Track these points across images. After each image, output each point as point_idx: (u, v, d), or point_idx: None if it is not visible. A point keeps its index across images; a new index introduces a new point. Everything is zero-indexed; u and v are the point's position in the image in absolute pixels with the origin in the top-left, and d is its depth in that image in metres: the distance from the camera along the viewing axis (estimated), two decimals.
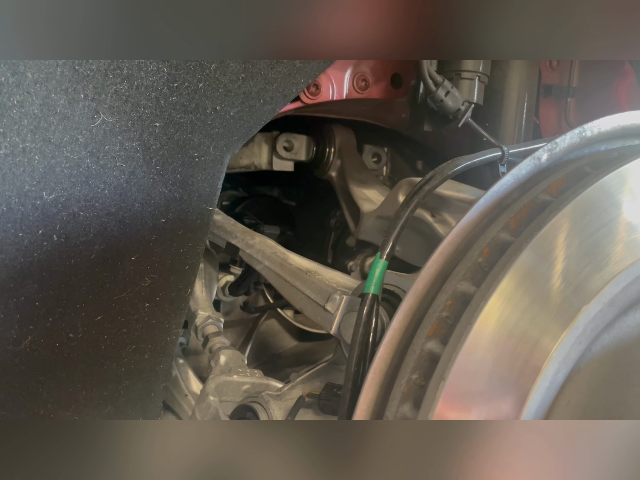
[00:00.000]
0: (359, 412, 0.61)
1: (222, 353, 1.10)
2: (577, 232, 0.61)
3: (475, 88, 1.06)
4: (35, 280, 0.80)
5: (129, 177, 0.83)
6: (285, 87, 0.91)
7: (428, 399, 0.57)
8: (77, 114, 0.78)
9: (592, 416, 0.64)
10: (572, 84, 1.32)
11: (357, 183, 1.37)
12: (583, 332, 0.61)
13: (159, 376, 0.96)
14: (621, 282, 0.62)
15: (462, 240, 0.65)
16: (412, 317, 0.63)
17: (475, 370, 0.57)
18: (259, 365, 1.66)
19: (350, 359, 0.66)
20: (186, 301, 0.95)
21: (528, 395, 0.57)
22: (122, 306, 0.88)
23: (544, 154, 0.68)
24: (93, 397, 0.90)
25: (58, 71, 0.75)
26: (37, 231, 0.79)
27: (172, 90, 0.83)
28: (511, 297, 0.58)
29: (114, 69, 0.78)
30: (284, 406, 0.85)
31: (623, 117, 0.72)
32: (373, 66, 1.13)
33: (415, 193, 0.74)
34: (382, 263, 0.68)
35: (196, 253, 0.93)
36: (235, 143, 0.90)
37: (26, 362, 0.83)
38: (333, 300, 0.83)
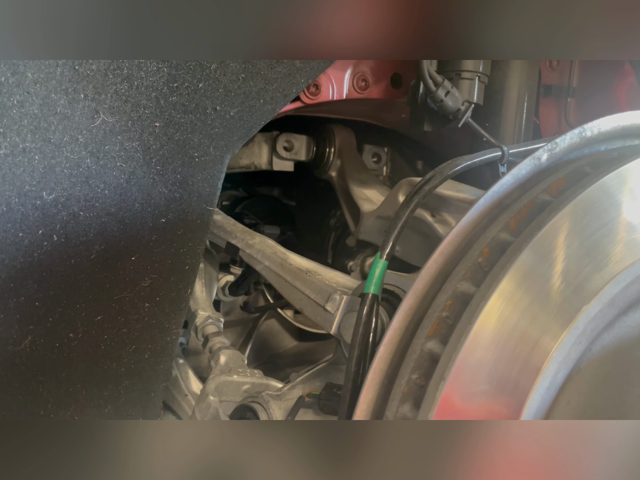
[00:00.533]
0: (359, 412, 0.61)
1: (222, 353, 1.10)
2: (577, 232, 0.61)
3: (475, 88, 1.06)
4: (35, 280, 0.80)
5: (129, 177, 0.83)
6: (285, 87, 0.91)
7: (428, 399, 0.57)
8: (77, 114, 0.78)
9: (592, 416, 0.64)
10: (572, 84, 1.32)
11: (357, 183, 1.37)
12: (583, 332, 0.61)
13: (159, 376, 0.96)
14: (621, 282, 0.62)
15: (462, 240, 0.65)
16: (412, 317, 0.63)
17: (475, 370, 0.57)
18: (259, 365, 1.66)
19: (350, 359, 0.66)
20: (186, 301, 0.95)
21: (528, 395, 0.57)
22: (122, 306, 0.88)
23: (544, 154, 0.68)
24: (93, 397, 0.90)
25: (58, 71, 0.75)
26: (37, 231, 0.79)
27: (172, 90, 0.83)
28: (511, 297, 0.58)
29: (114, 69, 0.78)
30: (284, 406, 0.85)
31: (623, 117, 0.72)
32: (373, 66, 1.13)
33: (415, 193, 0.74)
34: (382, 263, 0.68)
35: (196, 253, 0.93)
36: (235, 143, 0.90)
37: (26, 362, 0.83)
38: (333, 300, 0.83)
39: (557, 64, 1.33)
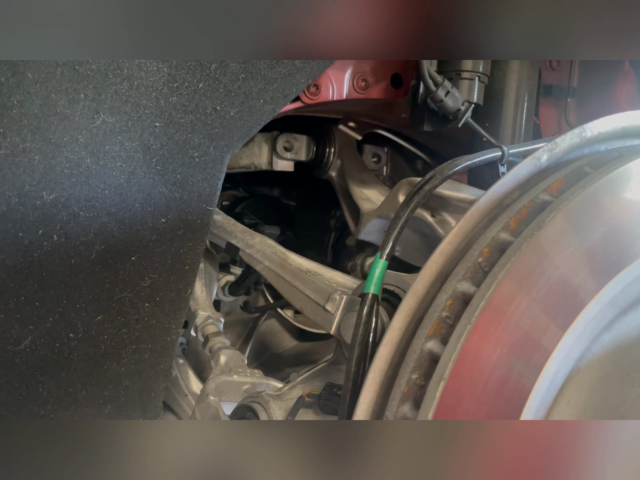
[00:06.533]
0: (359, 412, 0.61)
1: (222, 353, 1.10)
2: (577, 232, 0.61)
3: (475, 88, 1.06)
4: (35, 280, 0.80)
5: (129, 177, 0.83)
6: (285, 87, 0.91)
7: (428, 399, 0.57)
8: (77, 114, 0.78)
9: (592, 416, 0.64)
10: (572, 84, 1.32)
11: (357, 183, 1.37)
12: (583, 332, 0.61)
13: (159, 376, 0.96)
14: (621, 282, 0.62)
15: (462, 240, 0.65)
16: (412, 317, 0.63)
17: (475, 370, 0.57)
18: (259, 365, 1.66)
19: (350, 359, 0.66)
20: (186, 301, 0.95)
21: (528, 395, 0.57)
22: (122, 306, 0.88)
23: (543, 154, 0.68)
24: (93, 397, 0.90)
25: (58, 71, 0.75)
26: (37, 231, 0.79)
27: (172, 90, 0.83)
28: (511, 297, 0.58)
29: (114, 69, 0.78)
30: (284, 406, 0.85)
31: (623, 117, 0.72)
32: (373, 66, 1.13)
33: (415, 193, 0.74)
34: (382, 263, 0.68)
35: (196, 253, 0.93)
36: (235, 143, 0.90)
37: (26, 362, 0.83)
38: (333, 300, 0.83)
39: (557, 64, 1.33)
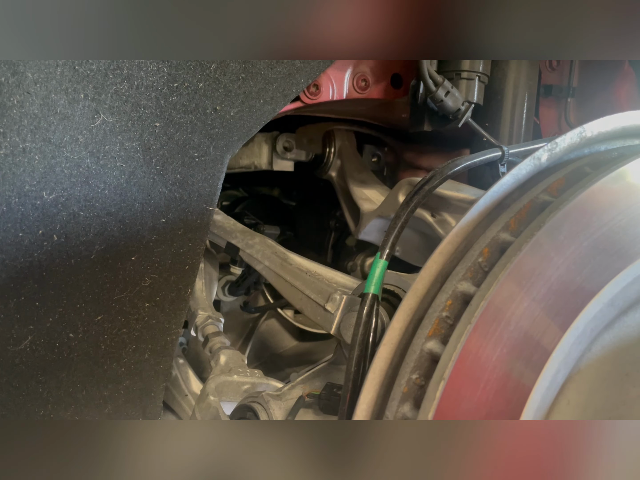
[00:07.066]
0: (359, 412, 0.61)
1: (222, 353, 1.10)
2: (577, 232, 0.61)
3: (475, 88, 1.06)
4: (35, 280, 0.80)
5: (129, 177, 0.83)
6: (285, 87, 0.91)
7: (428, 399, 0.57)
8: (77, 114, 0.78)
9: (592, 416, 0.64)
10: (572, 84, 1.32)
11: (357, 183, 1.37)
12: (583, 332, 0.61)
13: (159, 376, 0.96)
14: (621, 282, 0.62)
15: (462, 240, 0.65)
16: (412, 317, 0.63)
17: (475, 370, 0.57)
18: (259, 365, 1.66)
19: (350, 359, 0.66)
20: (186, 301, 0.95)
21: (528, 396, 0.57)
22: (122, 306, 0.88)
23: (544, 154, 0.68)
24: (93, 397, 0.90)
25: (58, 71, 0.75)
26: (37, 231, 0.79)
27: (172, 90, 0.83)
28: (511, 297, 0.58)
29: (114, 69, 0.78)
30: (284, 406, 0.85)
31: (623, 117, 0.72)
32: (373, 66, 1.13)
33: (415, 193, 0.74)
34: (382, 263, 0.68)
35: (196, 253, 0.93)
36: (235, 143, 0.90)
37: (26, 362, 0.83)
38: (333, 300, 0.83)
39: (557, 64, 1.33)
